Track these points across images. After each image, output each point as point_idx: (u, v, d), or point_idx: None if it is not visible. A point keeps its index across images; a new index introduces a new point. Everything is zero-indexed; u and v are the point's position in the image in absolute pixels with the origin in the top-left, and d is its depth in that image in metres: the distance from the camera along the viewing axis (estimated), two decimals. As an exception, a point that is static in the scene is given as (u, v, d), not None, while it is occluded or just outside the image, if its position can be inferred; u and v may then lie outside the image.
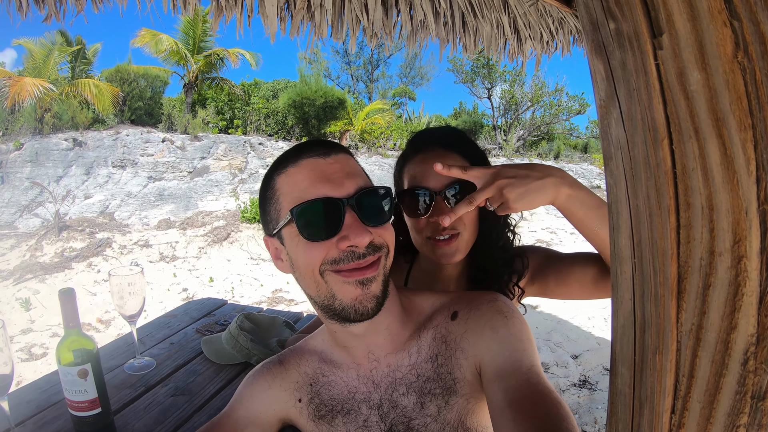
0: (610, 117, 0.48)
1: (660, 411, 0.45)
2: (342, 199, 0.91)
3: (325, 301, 0.96)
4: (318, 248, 0.92)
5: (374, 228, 0.94)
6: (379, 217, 0.95)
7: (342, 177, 0.93)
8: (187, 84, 17.14)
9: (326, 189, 0.92)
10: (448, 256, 1.34)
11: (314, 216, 0.92)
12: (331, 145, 0.99)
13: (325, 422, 1.09)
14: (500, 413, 0.87)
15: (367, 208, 0.93)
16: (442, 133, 1.45)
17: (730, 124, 0.39)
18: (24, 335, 6.08)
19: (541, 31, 2.96)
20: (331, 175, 0.93)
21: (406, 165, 1.42)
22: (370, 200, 0.94)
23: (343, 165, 0.96)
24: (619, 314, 0.49)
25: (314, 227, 0.92)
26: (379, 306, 0.94)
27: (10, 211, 10.90)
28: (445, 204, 1.31)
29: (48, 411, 1.55)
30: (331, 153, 0.96)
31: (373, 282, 0.93)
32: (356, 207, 0.92)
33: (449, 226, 1.29)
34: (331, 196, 0.91)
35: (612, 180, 0.49)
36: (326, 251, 0.92)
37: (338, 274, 0.92)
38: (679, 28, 0.40)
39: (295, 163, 0.96)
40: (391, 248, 0.97)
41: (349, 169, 0.95)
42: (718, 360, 0.41)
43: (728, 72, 0.39)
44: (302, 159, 0.96)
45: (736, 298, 0.40)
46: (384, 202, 0.97)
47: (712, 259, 0.41)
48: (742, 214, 0.39)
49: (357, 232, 0.89)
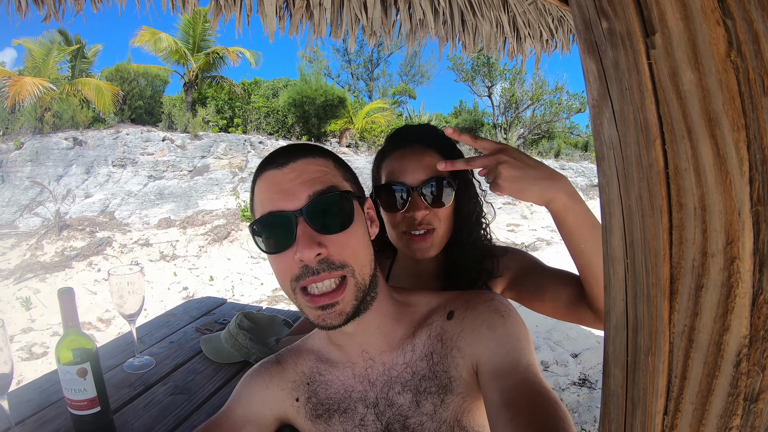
0: (602, 117, 0.48)
1: (653, 412, 0.45)
2: (293, 211, 0.90)
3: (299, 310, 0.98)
4: (280, 261, 0.94)
5: (332, 236, 0.92)
6: (336, 223, 0.93)
7: (295, 187, 0.92)
8: (187, 83, 17.15)
9: (280, 201, 0.92)
10: (423, 250, 1.36)
11: (267, 230, 0.94)
12: (294, 152, 0.96)
13: (322, 421, 1.09)
14: (497, 413, 0.86)
15: (320, 216, 0.91)
16: (421, 130, 1.46)
17: (723, 124, 0.39)
18: (24, 334, 6.10)
19: (540, 29, 2.96)
20: (285, 186, 0.92)
21: (384, 160, 1.43)
22: (323, 208, 0.92)
23: (301, 173, 0.93)
24: (612, 315, 0.49)
25: (269, 241, 0.94)
26: (346, 320, 0.95)
27: (11, 210, 10.91)
28: (421, 200, 1.32)
29: (48, 410, 1.56)
30: (290, 162, 0.94)
31: (338, 305, 0.93)
32: (308, 217, 0.90)
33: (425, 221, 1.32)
34: (282, 209, 0.91)
35: (604, 180, 0.48)
36: (289, 266, 0.92)
37: (304, 295, 0.94)
38: (671, 27, 0.40)
39: (260, 176, 0.97)
40: (356, 264, 0.94)
41: (306, 176, 0.93)
42: (710, 362, 0.41)
43: (721, 71, 0.38)
44: (264, 171, 0.96)
45: (729, 300, 0.40)
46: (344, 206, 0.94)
47: (705, 260, 0.40)
48: (734, 215, 0.39)
49: (303, 246, 0.88)
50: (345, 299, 0.93)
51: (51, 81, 13.91)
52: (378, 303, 1.01)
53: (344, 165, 1.03)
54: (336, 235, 0.92)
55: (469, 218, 1.42)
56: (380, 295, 1.02)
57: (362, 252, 0.96)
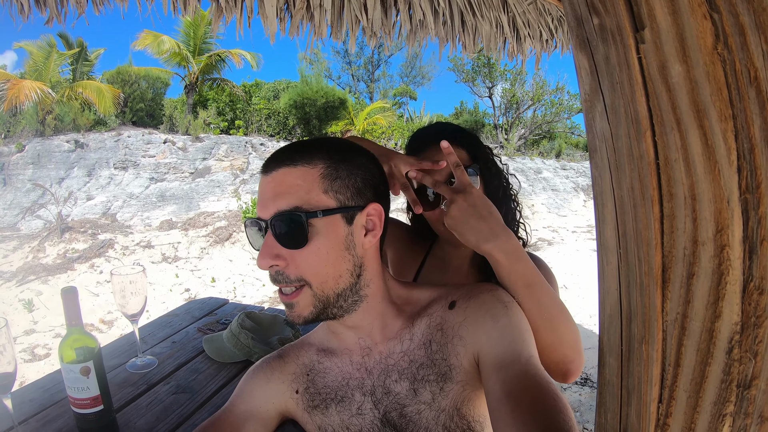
0: (594, 111, 0.48)
1: (647, 400, 0.45)
2: (265, 221, 0.95)
3: None
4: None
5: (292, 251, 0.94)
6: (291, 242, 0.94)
7: (268, 199, 0.95)
8: (188, 85, 17.15)
9: (259, 209, 0.97)
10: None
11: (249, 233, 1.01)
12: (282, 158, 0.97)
13: (318, 412, 1.09)
14: (498, 404, 0.87)
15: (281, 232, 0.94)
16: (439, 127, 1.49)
17: (711, 115, 0.39)
18: (27, 336, 6.10)
19: (540, 29, 2.96)
20: (262, 195, 0.97)
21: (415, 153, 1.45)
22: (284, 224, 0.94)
23: (276, 184, 0.95)
24: (606, 304, 0.50)
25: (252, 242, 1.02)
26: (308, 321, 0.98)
27: (13, 213, 10.93)
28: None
29: (51, 409, 1.56)
30: (272, 171, 0.97)
31: (295, 307, 0.96)
32: (273, 230, 0.94)
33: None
34: (259, 216, 0.97)
35: (597, 172, 0.49)
36: None
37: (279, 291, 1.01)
38: (660, 22, 0.41)
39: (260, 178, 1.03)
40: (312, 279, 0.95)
41: (279, 189, 0.95)
42: (703, 349, 0.42)
43: (709, 64, 0.39)
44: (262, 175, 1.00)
45: (720, 287, 0.40)
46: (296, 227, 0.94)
47: (696, 248, 0.41)
48: (724, 203, 0.39)
49: (260, 256, 0.94)
50: (300, 304, 0.95)
51: (52, 84, 13.93)
52: (369, 304, 1.02)
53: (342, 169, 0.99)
54: (296, 251, 0.94)
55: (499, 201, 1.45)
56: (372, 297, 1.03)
57: (323, 269, 0.95)
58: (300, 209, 0.93)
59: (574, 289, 7.24)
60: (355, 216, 0.98)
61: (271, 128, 17.31)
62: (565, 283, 7.50)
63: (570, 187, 16.17)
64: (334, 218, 0.95)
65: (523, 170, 16.29)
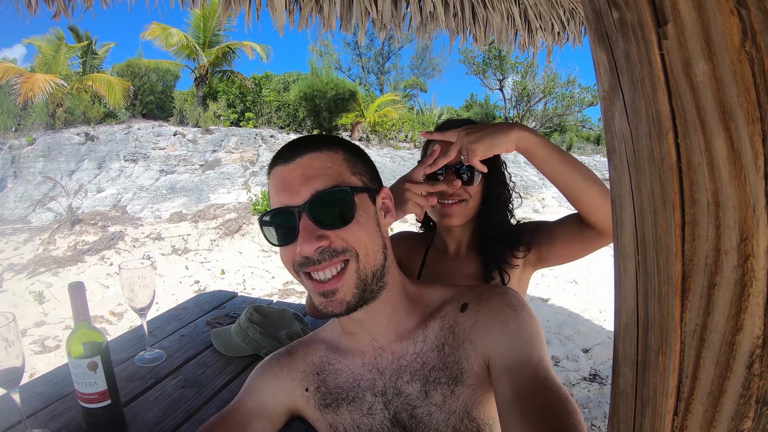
0: (613, 109, 0.46)
1: (662, 412, 0.44)
2: (296, 207, 0.94)
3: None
4: (285, 252, 0.99)
5: (334, 231, 0.94)
6: (336, 220, 0.95)
7: (299, 183, 0.95)
8: (198, 77, 17.20)
9: (284, 197, 0.95)
10: (450, 216, 1.59)
11: (272, 225, 0.98)
12: (301, 147, 0.99)
13: (330, 411, 1.10)
14: (507, 407, 0.87)
15: (322, 212, 0.94)
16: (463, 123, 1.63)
17: (737, 117, 0.37)
18: (37, 328, 6.17)
19: (552, 21, 2.92)
20: (290, 183, 0.95)
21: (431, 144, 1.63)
22: (326, 203, 0.94)
23: (305, 169, 0.96)
24: (622, 312, 0.48)
25: (276, 235, 0.99)
26: (349, 309, 0.97)
27: (24, 206, 11.04)
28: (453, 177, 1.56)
29: (59, 403, 1.57)
30: (296, 157, 0.97)
31: (338, 292, 0.95)
32: (310, 213, 0.93)
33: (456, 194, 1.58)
34: (286, 204, 0.95)
35: (615, 174, 0.47)
36: (292, 254, 0.97)
37: (308, 279, 0.98)
38: (684, 17, 0.39)
39: (271, 171, 1.01)
40: (360, 250, 0.96)
41: (310, 173, 0.95)
42: (722, 362, 0.40)
43: (735, 62, 0.37)
44: (275, 167, 1.00)
45: (742, 299, 0.38)
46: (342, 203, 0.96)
47: (718, 257, 0.39)
48: (749, 211, 0.37)
49: (303, 241, 0.92)
50: (345, 287, 0.95)
51: (62, 77, 14.01)
52: (388, 293, 1.02)
53: (356, 157, 1.04)
54: (340, 229, 0.94)
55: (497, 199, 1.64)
56: (392, 285, 1.03)
57: (367, 240, 0.97)
58: (340, 186, 0.95)
59: (584, 284, 7.20)
60: (375, 197, 1.03)
61: (281, 120, 17.33)
62: (575, 278, 7.46)
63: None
64: (364, 196, 1.00)
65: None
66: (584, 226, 1.47)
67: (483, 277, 1.61)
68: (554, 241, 1.58)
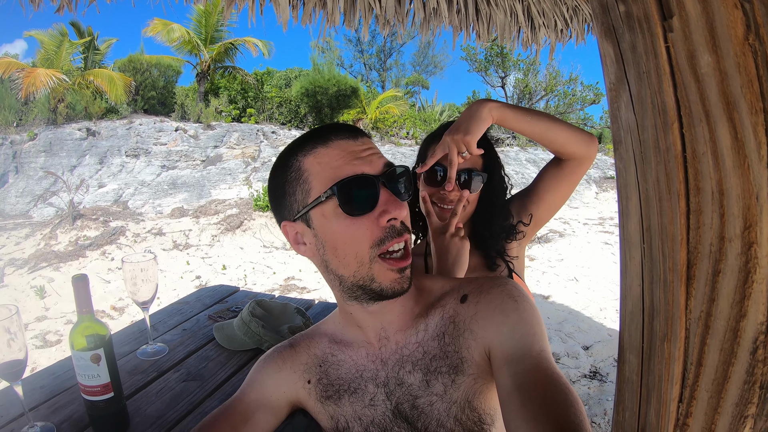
0: (620, 100, 0.47)
1: (667, 399, 0.44)
2: (377, 176, 0.96)
3: (361, 281, 0.99)
4: (360, 226, 0.95)
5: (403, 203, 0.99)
6: (404, 193, 1.00)
7: (371, 155, 0.98)
8: (200, 73, 17.17)
9: (363, 166, 0.96)
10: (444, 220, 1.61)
11: (356, 191, 0.95)
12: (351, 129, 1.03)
13: (331, 402, 1.10)
14: (509, 397, 0.87)
15: (395, 185, 0.98)
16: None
17: (741, 108, 0.38)
18: (39, 322, 6.18)
19: (555, 18, 2.92)
20: (362, 153, 0.97)
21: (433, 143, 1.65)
22: (397, 177, 0.99)
23: (371, 146, 1.00)
24: (628, 300, 0.49)
25: (356, 202, 0.95)
26: (410, 284, 1.00)
27: (25, 201, 11.04)
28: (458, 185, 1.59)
29: (61, 396, 1.57)
30: (359, 136, 1.01)
31: (408, 268, 0.98)
32: (387, 183, 0.96)
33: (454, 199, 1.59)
34: (368, 172, 0.96)
35: (621, 164, 0.48)
36: (370, 231, 0.95)
37: (384, 262, 0.96)
38: (689, 10, 0.39)
39: (326, 144, 0.98)
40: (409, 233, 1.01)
41: (375, 149, 1.01)
42: (726, 348, 0.41)
43: (739, 55, 0.38)
44: (331, 141, 0.99)
45: (746, 286, 0.39)
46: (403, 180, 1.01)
47: (722, 245, 0.40)
48: (752, 199, 0.38)
49: (395, 206, 0.95)
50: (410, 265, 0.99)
51: (64, 72, 13.99)
52: None
53: None
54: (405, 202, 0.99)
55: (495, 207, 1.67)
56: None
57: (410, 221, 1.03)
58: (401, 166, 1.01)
59: (585, 282, 7.20)
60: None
61: (283, 116, 17.31)
62: (576, 276, 7.46)
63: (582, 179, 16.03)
64: None
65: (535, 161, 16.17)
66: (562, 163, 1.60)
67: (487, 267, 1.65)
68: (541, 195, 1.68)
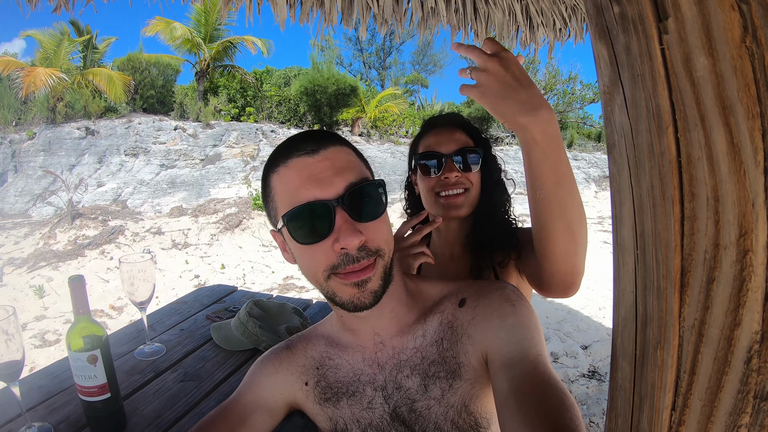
0: (613, 103, 0.46)
1: (660, 407, 0.44)
2: (331, 201, 0.89)
3: (327, 295, 0.98)
4: (315, 252, 0.92)
5: (368, 223, 0.92)
6: (372, 211, 0.93)
7: (331, 175, 0.91)
8: (199, 72, 17.16)
9: (315, 190, 0.90)
10: (456, 208, 1.53)
11: (305, 221, 0.91)
12: (321, 138, 0.95)
13: (330, 405, 1.10)
14: (505, 401, 0.87)
15: (358, 205, 0.91)
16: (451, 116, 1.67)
17: (737, 112, 0.37)
18: (37, 322, 6.17)
19: (553, 17, 2.92)
20: (320, 174, 0.91)
21: (420, 140, 1.63)
22: (362, 196, 0.92)
23: (333, 161, 0.92)
24: (621, 307, 0.48)
25: (306, 231, 0.91)
26: (377, 299, 0.95)
27: (24, 200, 11.03)
28: (453, 165, 1.53)
29: (59, 396, 1.57)
30: (320, 149, 0.93)
31: (369, 282, 0.93)
32: (347, 206, 0.90)
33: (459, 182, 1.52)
34: (320, 198, 0.89)
35: (615, 168, 0.47)
36: (325, 256, 0.91)
37: (337, 277, 0.92)
38: (685, 12, 0.39)
39: (285, 162, 0.94)
40: (386, 249, 0.95)
41: (339, 165, 0.92)
42: (720, 357, 0.40)
43: (736, 57, 0.37)
44: (291, 158, 0.93)
45: (741, 294, 0.38)
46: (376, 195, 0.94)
47: (717, 252, 0.39)
48: (748, 206, 0.37)
49: (346, 234, 0.88)
50: (374, 277, 0.93)
51: (63, 71, 13.97)
52: (393, 286, 1.01)
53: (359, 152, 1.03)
54: (371, 222, 0.92)
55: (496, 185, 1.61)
56: (395, 278, 1.03)
57: (390, 236, 0.97)
58: (369, 180, 0.94)
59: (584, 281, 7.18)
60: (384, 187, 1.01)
61: (282, 115, 17.30)
62: (574, 275, 7.45)
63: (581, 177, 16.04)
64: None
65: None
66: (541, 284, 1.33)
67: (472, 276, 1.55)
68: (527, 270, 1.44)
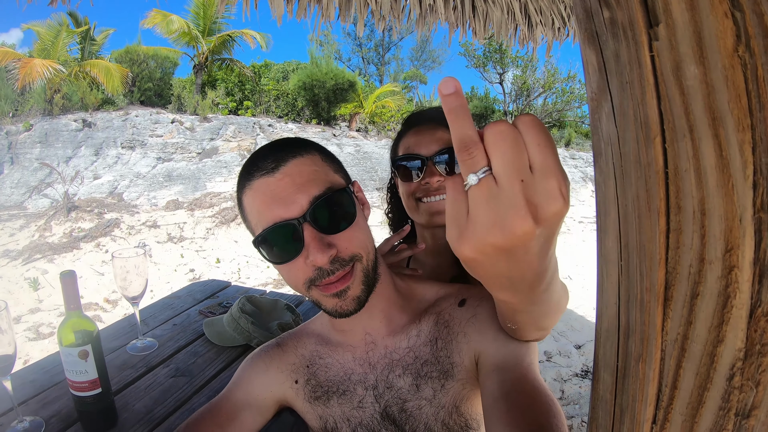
0: (601, 111, 0.45)
1: (641, 420, 0.43)
2: (296, 219, 0.89)
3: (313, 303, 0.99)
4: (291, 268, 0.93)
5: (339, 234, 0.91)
6: (338, 224, 0.92)
7: (293, 193, 0.90)
8: (197, 65, 17.10)
9: (280, 210, 0.90)
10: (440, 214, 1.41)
11: (275, 242, 0.92)
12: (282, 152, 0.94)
13: (320, 403, 1.11)
14: (494, 403, 0.87)
15: (325, 217, 0.90)
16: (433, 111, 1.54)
17: (727, 124, 0.36)
18: (32, 315, 6.16)
19: (552, 16, 2.91)
20: (282, 193, 0.90)
21: (401, 140, 1.51)
22: (328, 207, 0.91)
23: (294, 177, 0.91)
24: (604, 318, 0.48)
25: (278, 251, 0.92)
26: (360, 304, 0.95)
27: (20, 192, 11.00)
28: (435, 168, 1.39)
29: (50, 391, 1.57)
30: (280, 166, 0.92)
31: (349, 290, 0.93)
32: (313, 221, 0.89)
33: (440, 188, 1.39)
34: (285, 217, 0.89)
35: (601, 178, 0.46)
36: (302, 271, 0.92)
37: (317, 288, 0.93)
38: (676, 18, 0.38)
39: (250, 184, 0.94)
40: (363, 253, 0.94)
41: (301, 180, 0.91)
42: (702, 373, 0.39)
43: (728, 67, 0.36)
44: (254, 179, 0.93)
45: (725, 310, 0.37)
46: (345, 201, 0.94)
47: (702, 267, 0.38)
48: (735, 221, 0.36)
49: (315, 252, 0.87)
50: (354, 284, 0.93)
51: (60, 63, 13.91)
52: (382, 285, 1.02)
53: (328, 154, 1.02)
54: (342, 232, 0.92)
55: None
56: (384, 277, 1.03)
57: (366, 239, 0.97)
58: (335, 188, 0.93)
59: (579, 280, 7.23)
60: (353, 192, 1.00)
61: (280, 109, 17.28)
62: (569, 274, 7.49)
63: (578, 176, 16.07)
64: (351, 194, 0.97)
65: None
66: None
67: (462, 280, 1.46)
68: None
